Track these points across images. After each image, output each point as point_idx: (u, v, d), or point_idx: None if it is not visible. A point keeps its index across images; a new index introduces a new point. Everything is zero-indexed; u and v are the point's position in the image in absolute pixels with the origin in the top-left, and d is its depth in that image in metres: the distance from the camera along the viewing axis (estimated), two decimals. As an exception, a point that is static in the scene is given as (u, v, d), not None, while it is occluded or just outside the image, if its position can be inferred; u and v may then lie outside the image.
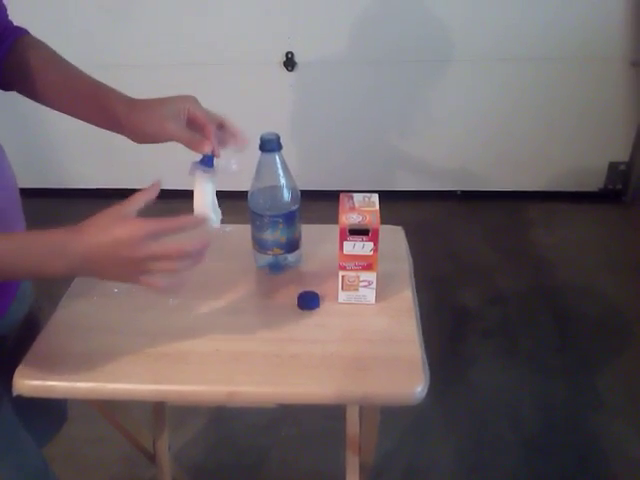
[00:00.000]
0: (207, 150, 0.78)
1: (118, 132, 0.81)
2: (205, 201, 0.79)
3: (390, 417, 1.58)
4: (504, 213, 2.62)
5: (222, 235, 1.10)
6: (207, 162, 0.79)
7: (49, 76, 0.81)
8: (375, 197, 0.90)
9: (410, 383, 0.76)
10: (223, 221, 0.81)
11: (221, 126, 0.83)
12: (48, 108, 0.85)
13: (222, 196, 0.83)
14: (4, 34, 0.81)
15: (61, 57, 0.83)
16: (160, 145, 0.81)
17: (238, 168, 0.82)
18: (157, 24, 2.40)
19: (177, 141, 0.78)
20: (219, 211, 0.81)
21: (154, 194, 0.71)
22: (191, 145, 0.78)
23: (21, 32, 0.83)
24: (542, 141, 2.57)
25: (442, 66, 2.43)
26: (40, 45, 0.83)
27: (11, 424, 0.90)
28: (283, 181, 0.92)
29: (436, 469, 1.54)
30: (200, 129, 0.79)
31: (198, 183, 0.79)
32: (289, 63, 2.42)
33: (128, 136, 0.80)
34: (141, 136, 0.79)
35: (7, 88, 0.84)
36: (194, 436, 1.65)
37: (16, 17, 0.85)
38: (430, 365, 0.80)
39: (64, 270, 0.67)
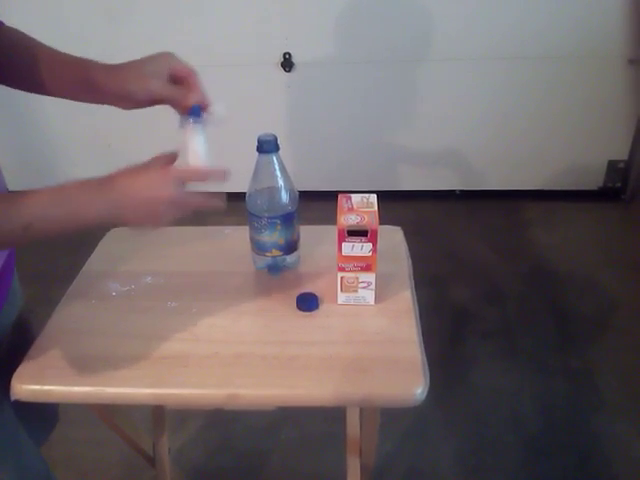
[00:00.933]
0: (194, 100, 0.76)
1: (103, 101, 0.79)
2: (200, 152, 0.77)
3: (390, 419, 1.58)
4: (503, 212, 2.61)
5: (220, 237, 1.10)
6: (196, 112, 0.77)
7: (28, 61, 0.80)
8: (373, 197, 0.89)
9: (410, 385, 0.76)
10: (222, 222, 0.81)
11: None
12: (46, 109, 0.84)
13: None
14: None
15: (34, 39, 0.81)
16: (161, 148, 0.80)
17: (228, 113, 0.79)
18: (154, 25, 2.39)
19: (162, 97, 0.77)
20: (211, 162, 0.79)
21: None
22: (177, 98, 0.77)
23: None
24: (541, 140, 2.57)
25: (440, 65, 2.43)
26: (12, 32, 0.81)
27: (12, 427, 0.89)
28: (281, 182, 0.91)
29: (437, 470, 1.54)
30: (184, 81, 0.78)
31: (190, 135, 0.77)
32: (286, 64, 2.42)
33: (112, 102, 0.78)
34: (125, 98, 0.77)
35: None
36: (194, 438, 1.64)
37: (13, 18, 0.84)
38: (430, 366, 0.80)
39: (97, 214, 0.69)
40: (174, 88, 0.77)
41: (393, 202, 1.52)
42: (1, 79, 0.81)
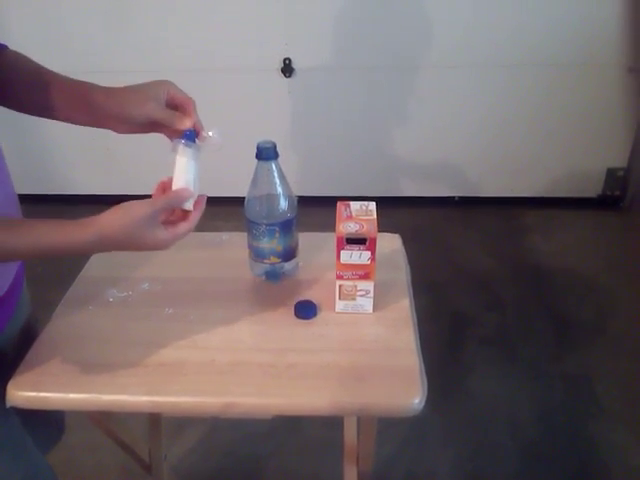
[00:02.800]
0: (189, 124, 0.78)
1: (100, 125, 0.80)
2: (187, 178, 0.77)
3: (388, 425, 1.58)
4: (502, 219, 2.61)
5: (218, 243, 1.10)
6: (189, 137, 0.78)
7: (29, 85, 0.80)
8: (373, 205, 0.89)
9: (408, 394, 0.76)
10: (221, 228, 0.80)
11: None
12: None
13: (219, 203, 0.82)
14: None
15: (35, 62, 0.82)
16: (159, 151, 0.80)
17: (221, 139, 0.80)
18: (154, 31, 2.40)
19: (159, 120, 0.78)
20: (198, 189, 0.79)
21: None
22: (173, 122, 0.78)
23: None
24: (540, 147, 2.57)
25: (439, 72, 2.43)
26: (19, 57, 0.82)
27: (20, 434, 0.90)
28: (280, 189, 0.91)
29: (435, 476, 1.53)
30: (180, 107, 0.79)
31: (180, 159, 0.78)
32: (287, 69, 2.42)
33: (110, 126, 0.80)
34: (123, 121, 0.78)
35: None
36: (191, 444, 1.63)
37: (12, 25, 0.84)
38: (428, 373, 0.80)
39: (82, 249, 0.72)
40: (171, 112, 0.79)
41: (391, 208, 1.52)
42: (2, 101, 0.81)
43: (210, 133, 0.80)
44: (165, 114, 0.78)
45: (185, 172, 0.77)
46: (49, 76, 0.81)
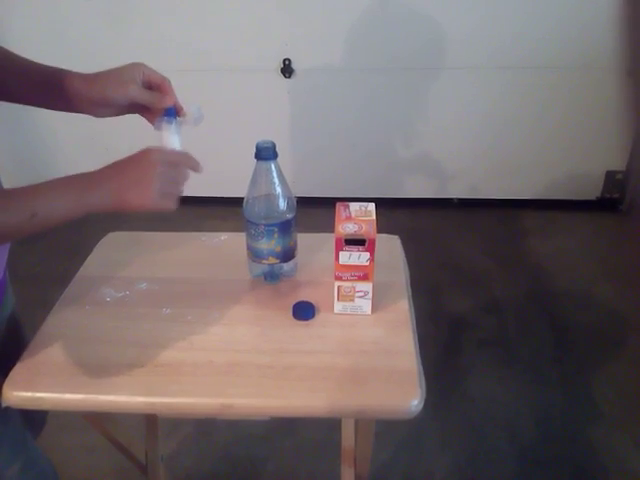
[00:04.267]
0: (169, 102, 0.81)
1: (78, 109, 0.81)
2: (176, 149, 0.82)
3: (386, 428, 1.57)
4: (501, 221, 2.61)
5: (217, 244, 1.09)
6: (171, 114, 0.82)
7: (7, 75, 0.81)
8: (372, 206, 0.89)
9: (406, 397, 0.75)
10: (219, 228, 0.80)
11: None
12: (43, 113, 0.84)
13: (218, 203, 0.82)
14: None
15: (11, 53, 0.83)
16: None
17: (202, 113, 0.84)
18: (154, 31, 2.39)
19: (140, 101, 0.80)
20: None
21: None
22: (154, 102, 0.81)
23: None
24: (539, 149, 2.57)
25: (439, 74, 2.43)
26: None
27: (20, 428, 0.91)
28: (279, 190, 0.91)
29: (432, 480, 1.53)
30: (156, 87, 0.82)
31: (165, 135, 0.81)
32: (286, 70, 2.42)
33: (88, 109, 0.81)
34: (103, 105, 0.80)
35: None
36: (188, 446, 1.63)
37: (14, 23, 0.84)
38: (425, 375, 0.79)
39: (98, 195, 0.72)
40: (151, 93, 0.81)
41: (391, 209, 1.52)
42: None
43: (192, 109, 0.84)
44: (146, 95, 0.80)
45: (172, 145, 0.82)
46: (20, 62, 0.82)
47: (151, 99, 0.81)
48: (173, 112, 0.82)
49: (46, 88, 0.80)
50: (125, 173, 0.74)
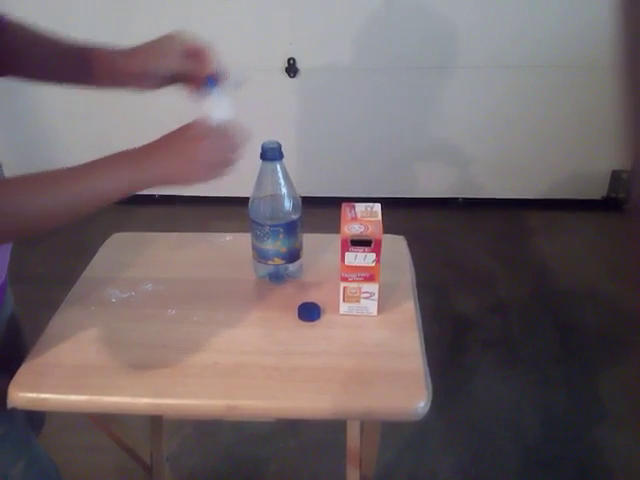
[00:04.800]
0: (212, 68, 0.79)
1: (120, 85, 0.80)
2: (223, 115, 0.79)
3: (390, 428, 1.56)
4: (505, 221, 2.60)
5: (222, 244, 1.09)
6: (215, 80, 0.80)
7: (39, 52, 0.81)
8: (378, 207, 0.88)
9: (412, 398, 0.75)
10: (224, 228, 0.80)
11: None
12: (45, 108, 0.84)
13: (223, 203, 0.82)
14: None
15: (42, 30, 0.82)
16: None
17: (245, 76, 0.83)
18: (158, 30, 2.39)
19: (182, 71, 0.79)
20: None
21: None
22: (198, 69, 0.79)
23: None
24: (544, 149, 2.56)
25: (444, 73, 2.43)
26: (21, 25, 0.83)
27: (23, 428, 0.91)
28: (284, 190, 0.90)
29: (437, 481, 1.53)
30: (197, 54, 0.80)
31: (210, 103, 0.80)
32: (291, 69, 2.42)
33: (132, 84, 0.80)
34: (146, 78, 0.79)
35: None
36: (192, 446, 1.63)
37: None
38: (430, 375, 0.79)
39: (147, 170, 0.72)
40: (192, 62, 0.80)
41: (395, 209, 1.51)
42: (14, 73, 0.82)
43: (234, 73, 0.82)
44: (188, 64, 0.79)
45: (219, 110, 0.79)
46: (58, 43, 0.81)
47: (193, 67, 0.79)
48: (217, 78, 0.81)
49: (86, 66, 0.80)
50: (171, 148, 0.74)
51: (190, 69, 0.79)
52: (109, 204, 0.70)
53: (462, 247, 2.46)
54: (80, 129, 2.54)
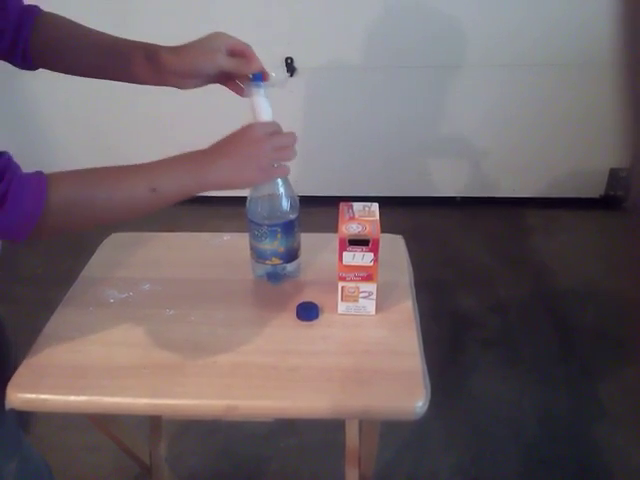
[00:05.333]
0: (257, 67, 0.83)
1: (165, 83, 0.82)
2: (268, 112, 0.84)
3: (390, 428, 1.56)
4: (504, 219, 2.60)
5: (220, 244, 1.09)
6: (259, 78, 0.84)
7: (78, 46, 0.84)
8: (375, 206, 0.88)
9: (411, 398, 0.75)
10: (222, 228, 0.80)
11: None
12: (45, 112, 0.84)
13: (220, 202, 0.82)
14: (23, 16, 0.82)
15: (81, 25, 0.85)
16: (160, 150, 0.79)
17: (286, 75, 0.88)
18: (156, 29, 2.37)
19: (228, 70, 0.82)
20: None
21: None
22: (242, 69, 0.83)
23: (37, 10, 0.84)
24: (542, 147, 2.56)
25: (442, 72, 2.42)
26: (59, 18, 0.85)
27: (15, 427, 0.91)
28: (282, 190, 0.91)
29: (436, 480, 1.53)
30: (240, 54, 0.83)
31: (256, 100, 0.84)
32: (289, 68, 2.41)
33: (177, 83, 0.82)
34: (191, 76, 0.82)
35: (35, 67, 0.85)
36: (191, 445, 1.63)
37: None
38: (429, 374, 0.79)
39: (213, 170, 0.76)
40: (237, 60, 0.82)
41: (393, 208, 1.51)
42: (52, 66, 0.84)
43: (273, 74, 0.86)
44: (233, 63, 0.82)
45: (265, 109, 0.84)
46: (100, 37, 0.85)
47: (238, 66, 0.82)
48: (260, 77, 0.84)
49: (129, 63, 0.81)
50: (237, 151, 0.77)
51: (236, 68, 0.82)
52: (169, 205, 0.73)
53: (460, 246, 2.46)
54: (79, 129, 2.54)
